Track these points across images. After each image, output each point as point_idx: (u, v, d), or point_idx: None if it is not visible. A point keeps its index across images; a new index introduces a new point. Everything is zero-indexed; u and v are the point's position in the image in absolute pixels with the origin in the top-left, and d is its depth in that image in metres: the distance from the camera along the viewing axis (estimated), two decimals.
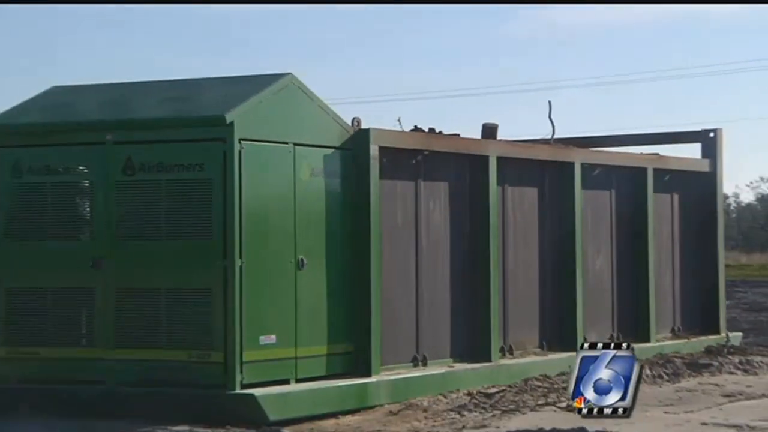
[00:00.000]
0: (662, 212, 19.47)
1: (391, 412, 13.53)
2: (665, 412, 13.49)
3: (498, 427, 12.06)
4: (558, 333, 17.11)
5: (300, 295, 13.33)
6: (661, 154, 19.87)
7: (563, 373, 15.97)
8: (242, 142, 12.72)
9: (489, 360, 15.61)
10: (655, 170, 19.10)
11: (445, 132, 15.81)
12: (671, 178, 19.65)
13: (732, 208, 74.69)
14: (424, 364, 14.90)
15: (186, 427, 12.18)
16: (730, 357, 18.15)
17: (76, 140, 13.54)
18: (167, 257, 12.99)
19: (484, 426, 12.35)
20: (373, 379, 13.87)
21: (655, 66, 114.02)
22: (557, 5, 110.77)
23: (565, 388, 15.05)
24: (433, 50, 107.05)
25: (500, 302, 16.05)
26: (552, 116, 18.74)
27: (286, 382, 13.08)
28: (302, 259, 13.37)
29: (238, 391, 12.55)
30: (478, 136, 16.67)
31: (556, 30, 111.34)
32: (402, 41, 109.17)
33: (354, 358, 13.90)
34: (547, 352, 16.81)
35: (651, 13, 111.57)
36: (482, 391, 14.64)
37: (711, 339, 19.64)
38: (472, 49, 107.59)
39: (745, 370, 17.19)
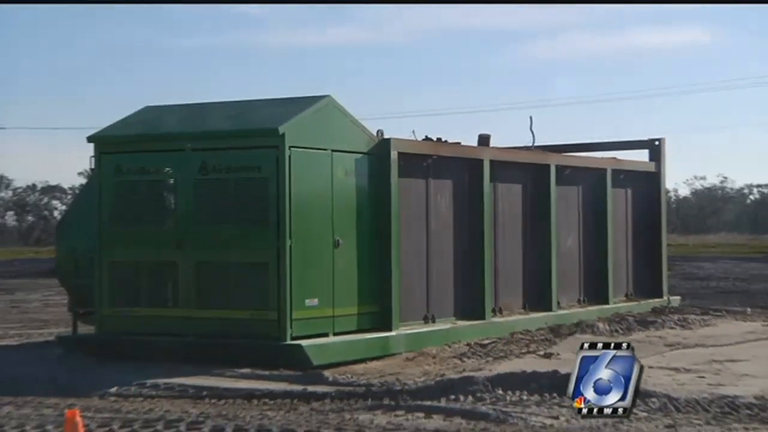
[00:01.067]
0: (618, 203, 19.37)
1: (407, 358, 13.49)
2: None
3: (490, 370, 11.96)
4: (537, 297, 17.00)
5: (336, 268, 13.25)
6: (618, 158, 19.81)
7: (541, 329, 15.95)
8: (291, 149, 12.65)
9: (483, 318, 15.52)
10: (613, 170, 19.01)
11: (450, 141, 15.71)
12: (625, 176, 19.53)
13: (672, 200, 74.38)
14: (433, 322, 14.81)
15: (248, 370, 12.15)
16: (670, 315, 18.10)
17: (163, 148, 13.54)
18: (233, 238, 12.94)
19: (479, 369, 12.26)
20: (393, 333, 13.79)
21: (620, 88, 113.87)
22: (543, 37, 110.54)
23: (542, 340, 15.00)
24: (441, 77, 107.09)
25: (492, 273, 15.94)
26: (532, 128, 18.84)
27: (325, 335, 13.03)
28: (338, 240, 13.28)
29: (288, 342, 12.52)
30: (475, 143, 16.55)
31: (537, 61, 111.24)
32: (415, 70, 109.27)
33: (378, 317, 13.81)
34: (529, 312, 16.70)
35: (615, 45, 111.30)
36: (478, 342, 14.58)
37: (656, 301, 19.56)
38: (472, 76, 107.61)
39: (682, 326, 17.09)
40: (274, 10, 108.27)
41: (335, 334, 13.15)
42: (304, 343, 12.53)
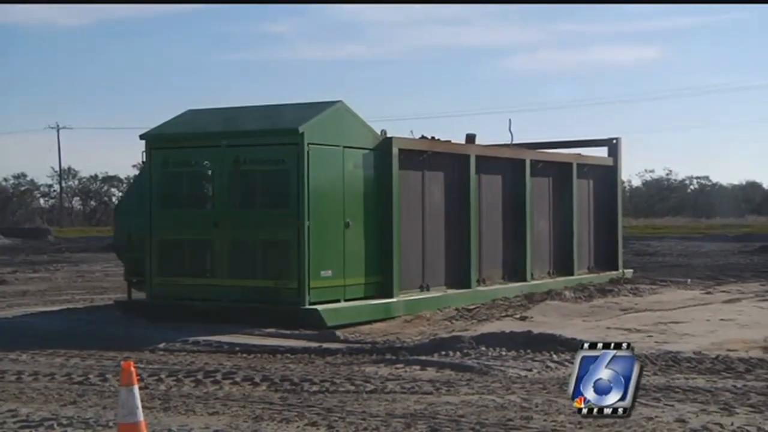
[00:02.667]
0: (582, 192, 19.28)
1: (405, 320, 13.45)
2: (583, 321, 13.36)
3: (475, 330, 11.94)
4: (514, 270, 16.94)
5: (347, 245, 13.20)
6: (582, 154, 19.71)
7: (518, 296, 15.91)
8: (309, 145, 12.59)
9: (469, 287, 15.46)
10: (578, 164, 18.93)
11: (442, 139, 15.63)
12: (588, 169, 19.45)
13: (626, 189, 74.00)
14: (427, 290, 14.76)
15: (273, 330, 12.12)
16: (625, 285, 18.08)
17: (203, 144, 13.49)
18: (261, 220, 12.89)
19: (466, 330, 12.23)
20: (394, 299, 13.75)
21: (584, 95, 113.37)
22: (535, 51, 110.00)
23: (519, 305, 14.95)
24: (435, 85, 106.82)
25: (477, 250, 15.87)
26: (511, 129, 18.80)
27: (337, 301, 12.99)
28: (348, 222, 13.23)
29: (307, 306, 12.48)
30: (463, 141, 16.46)
31: (515, 72, 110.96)
32: (413, 80, 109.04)
33: (382, 286, 13.75)
34: (507, 282, 16.65)
35: (580, 60, 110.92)
36: (465, 307, 14.54)
37: (612, 273, 19.49)
38: (460, 85, 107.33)
39: (634, 294, 17.05)
40: (296, 30, 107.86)
41: (346, 300, 13.10)
42: (320, 307, 12.49)
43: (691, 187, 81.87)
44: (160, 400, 8.19)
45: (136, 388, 6.05)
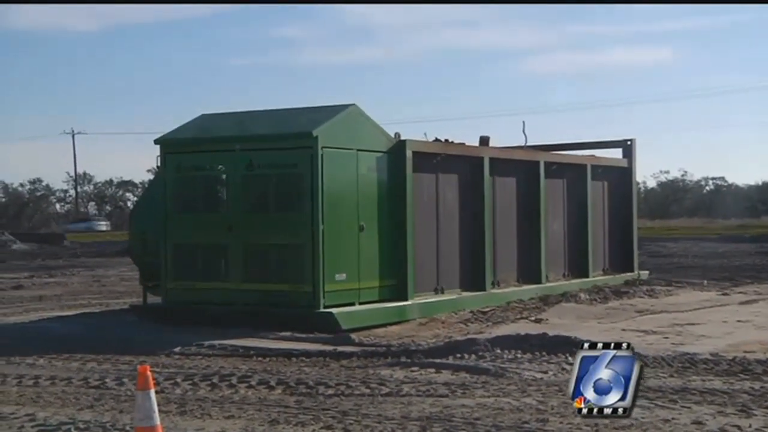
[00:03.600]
0: (597, 193, 19.25)
1: (420, 323, 13.43)
2: (598, 323, 13.32)
3: (490, 333, 11.91)
4: (528, 272, 16.91)
5: (361, 248, 13.21)
6: (596, 155, 19.68)
7: (532, 298, 15.88)
8: (323, 149, 12.60)
9: (484, 289, 15.45)
10: (592, 166, 18.91)
11: (455, 141, 15.62)
12: (603, 171, 19.42)
13: (641, 190, 73.74)
14: (442, 292, 14.75)
15: (288, 333, 12.12)
16: (640, 287, 18.02)
17: (217, 149, 13.51)
18: (275, 224, 12.91)
19: (481, 332, 12.21)
20: (408, 302, 13.75)
21: (598, 97, 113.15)
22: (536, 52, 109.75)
23: (533, 308, 14.92)
24: (448, 88, 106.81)
25: (491, 252, 15.86)
26: (525, 131, 18.83)
27: (352, 304, 12.99)
28: (362, 225, 13.24)
29: (321, 310, 12.50)
30: (477, 144, 16.45)
31: (528, 74, 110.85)
32: (426, 82, 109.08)
33: (396, 289, 13.76)
34: (522, 285, 16.62)
35: (594, 62, 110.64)
36: (480, 310, 14.52)
37: (628, 275, 19.44)
38: (473, 87, 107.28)
39: (650, 295, 16.99)
40: (308, 34, 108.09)
41: (360, 303, 13.11)
42: (334, 310, 12.50)
43: (707, 188, 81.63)
44: (176, 404, 8.21)
45: (152, 392, 6.06)
